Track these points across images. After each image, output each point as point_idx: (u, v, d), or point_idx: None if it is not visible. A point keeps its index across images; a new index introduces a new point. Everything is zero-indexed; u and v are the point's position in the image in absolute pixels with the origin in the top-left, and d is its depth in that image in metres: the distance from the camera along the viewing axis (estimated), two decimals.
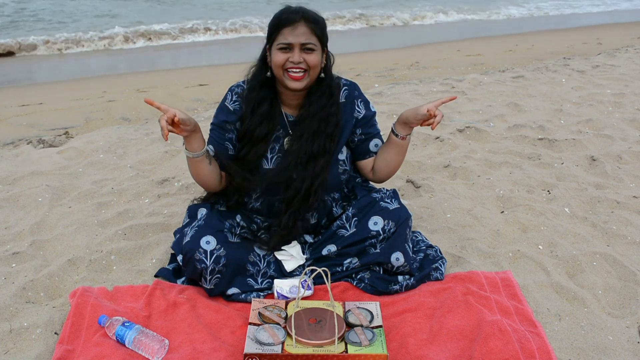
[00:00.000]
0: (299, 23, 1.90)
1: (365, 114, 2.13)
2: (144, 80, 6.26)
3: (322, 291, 2.05)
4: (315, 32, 1.93)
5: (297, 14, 1.92)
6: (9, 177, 3.09)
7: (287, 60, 1.91)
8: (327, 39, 2.01)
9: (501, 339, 1.70)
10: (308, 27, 1.91)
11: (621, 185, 2.93)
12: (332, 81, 2.07)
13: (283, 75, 1.94)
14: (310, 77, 1.96)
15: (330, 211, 2.15)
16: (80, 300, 1.91)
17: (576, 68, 5.74)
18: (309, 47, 1.91)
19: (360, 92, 2.16)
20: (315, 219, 2.12)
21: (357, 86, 2.16)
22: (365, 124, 2.13)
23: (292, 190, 2.00)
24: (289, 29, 1.90)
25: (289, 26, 1.90)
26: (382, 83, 5.71)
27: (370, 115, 2.15)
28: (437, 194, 2.83)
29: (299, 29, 1.90)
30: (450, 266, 2.22)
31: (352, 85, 2.14)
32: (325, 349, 1.67)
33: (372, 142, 2.15)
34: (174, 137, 3.70)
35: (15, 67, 7.61)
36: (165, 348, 1.73)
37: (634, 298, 2.01)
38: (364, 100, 2.15)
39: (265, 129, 2.02)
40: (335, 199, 2.16)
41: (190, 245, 1.93)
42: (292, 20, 1.90)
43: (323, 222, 2.16)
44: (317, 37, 1.93)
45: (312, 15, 1.95)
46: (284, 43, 1.91)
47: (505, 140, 3.62)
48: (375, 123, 2.18)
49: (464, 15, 12.60)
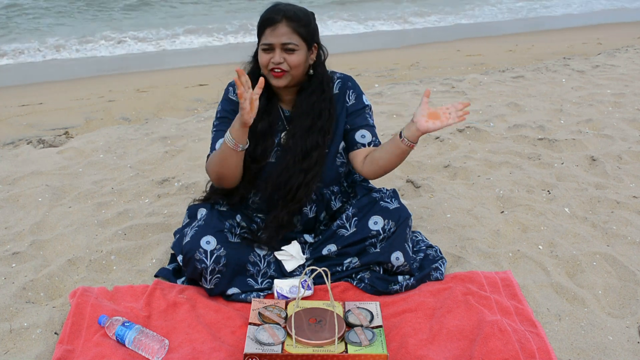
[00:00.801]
0: (280, 23, 1.90)
1: (354, 104, 2.11)
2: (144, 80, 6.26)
3: (322, 291, 2.05)
4: (297, 31, 1.92)
5: (279, 13, 1.91)
6: (9, 177, 3.09)
7: (269, 61, 1.92)
8: (313, 35, 1.99)
9: (501, 339, 1.70)
10: (289, 27, 1.91)
11: (621, 185, 2.93)
12: (324, 76, 2.07)
13: (268, 74, 1.96)
14: (292, 75, 1.96)
15: (328, 204, 2.14)
16: (80, 300, 1.91)
17: (576, 68, 5.74)
18: (290, 47, 1.91)
19: (354, 83, 2.15)
20: (313, 213, 2.12)
21: (351, 78, 2.15)
22: (352, 113, 2.11)
23: (288, 186, 2.02)
24: (270, 29, 1.91)
25: (270, 26, 1.91)
26: (382, 83, 5.70)
27: (360, 107, 2.12)
28: (437, 194, 2.83)
29: (279, 29, 1.90)
30: (450, 266, 2.22)
31: (345, 77, 2.14)
32: (325, 349, 1.67)
33: (358, 132, 2.09)
34: (174, 137, 3.71)
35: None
36: (165, 348, 1.73)
37: (634, 298, 2.01)
38: (357, 91, 2.14)
39: (267, 123, 2.03)
40: (334, 192, 2.16)
41: (190, 245, 1.93)
42: (274, 20, 1.91)
43: (322, 217, 2.16)
44: (299, 36, 1.93)
45: (294, 13, 1.93)
46: (265, 44, 1.92)
47: (505, 140, 3.62)
48: (365, 115, 2.12)
49: (427, 18, 11.96)
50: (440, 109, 1.87)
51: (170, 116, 4.59)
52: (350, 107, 2.12)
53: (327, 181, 2.11)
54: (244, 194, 2.11)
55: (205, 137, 3.72)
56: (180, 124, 4.11)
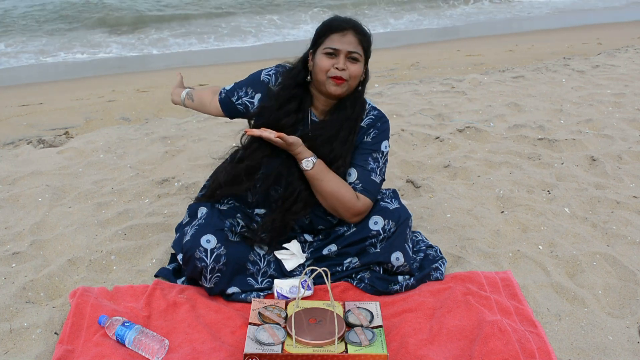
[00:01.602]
0: (349, 32, 1.92)
1: (369, 142, 2.06)
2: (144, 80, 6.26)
3: (322, 291, 2.05)
4: (362, 44, 1.94)
5: (348, 23, 1.94)
6: (9, 177, 3.09)
7: (332, 66, 1.92)
8: (370, 54, 2.01)
9: (501, 339, 1.70)
10: (356, 37, 1.93)
11: (621, 185, 2.93)
12: (362, 97, 2.07)
13: (326, 80, 1.93)
14: (349, 86, 1.96)
15: (325, 219, 2.13)
16: (80, 300, 1.91)
17: (576, 68, 5.74)
18: (354, 56, 1.92)
19: (384, 127, 2.09)
20: (308, 220, 2.13)
21: (385, 120, 2.10)
22: (360, 147, 2.06)
23: (290, 189, 2.02)
24: (338, 35, 1.92)
25: (339, 32, 1.92)
26: (382, 83, 5.71)
27: (371, 147, 2.05)
28: (437, 194, 2.83)
29: (347, 37, 1.92)
30: (450, 266, 2.22)
31: (379, 117, 2.10)
32: (325, 349, 1.67)
33: (350, 169, 2.04)
34: (174, 137, 3.71)
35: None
36: (165, 348, 1.73)
37: (634, 298, 2.01)
38: (380, 135, 2.07)
39: (292, 120, 2.02)
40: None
41: (190, 244, 1.93)
42: (342, 27, 1.92)
43: (319, 227, 2.15)
44: (363, 49, 1.95)
45: (361, 27, 1.96)
46: (331, 48, 1.92)
47: (505, 140, 3.63)
48: (371, 158, 2.05)
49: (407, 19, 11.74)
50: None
51: (170, 116, 4.59)
52: (364, 144, 2.07)
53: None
54: (250, 186, 2.10)
55: (205, 137, 3.72)
56: (180, 124, 4.11)
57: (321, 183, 1.97)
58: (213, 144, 3.60)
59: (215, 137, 3.75)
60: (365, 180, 2.03)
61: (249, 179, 2.06)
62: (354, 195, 2.00)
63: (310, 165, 1.96)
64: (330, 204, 2.01)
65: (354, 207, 2.00)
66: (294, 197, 2.02)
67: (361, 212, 2.02)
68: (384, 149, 2.08)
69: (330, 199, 1.99)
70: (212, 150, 3.47)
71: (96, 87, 6.00)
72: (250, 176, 2.06)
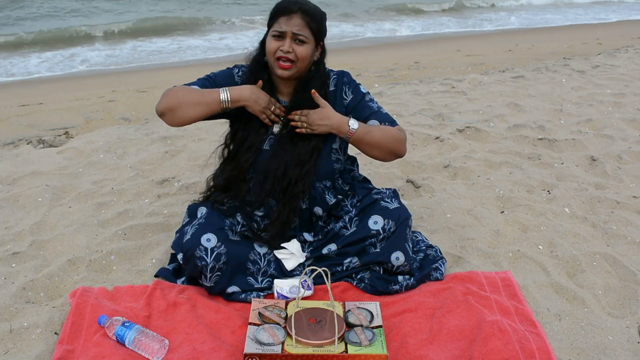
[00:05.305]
0: (296, 14, 1.93)
1: (353, 98, 2.12)
2: (144, 80, 6.26)
3: (322, 291, 2.05)
4: (309, 26, 1.95)
5: (296, 5, 1.95)
6: (9, 177, 3.09)
7: (278, 49, 1.94)
8: (323, 33, 2.03)
9: (501, 339, 1.70)
10: (303, 20, 1.94)
11: (621, 185, 2.93)
12: (324, 73, 2.09)
13: (274, 62, 1.97)
14: (298, 67, 1.98)
15: (322, 198, 2.13)
16: (80, 300, 1.91)
17: (576, 68, 5.74)
18: (300, 38, 1.94)
19: (349, 78, 2.15)
20: (306, 204, 2.12)
21: (346, 73, 2.16)
22: (355, 107, 2.11)
23: (285, 180, 2.03)
24: (284, 18, 1.94)
25: (286, 15, 1.94)
26: (382, 83, 5.71)
27: (359, 99, 2.11)
28: (437, 194, 2.83)
29: (294, 19, 1.93)
30: (450, 266, 2.22)
31: (340, 73, 2.15)
32: (325, 349, 1.67)
33: (369, 123, 2.10)
34: (174, 137, 3.71)
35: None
36: (165, 348, 1.73)
37: (634, 298, 2.01)
38: (352, 85, 2.14)
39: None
40: (327, 186, 2.15)
41: (190, 243, 1.93)
42: (290, 9, 1.94)
43: (318, 212, 2.15)
44: (310, 30, 1.95)
45: (310, 8, 1.97)
46: (277, 31, 1.94)
47: (505, 140, 3.63)
48: (369, 103, 2.12)
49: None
50: None
51: None
52: (350, 103, 2.11)
53: (320, 175, 2.11)
54: (241, 186, 2.11)
55: (205, 137, 3.72)
56: None
57: (371, 135, 2.01)
58: (213, 144, 3.59)
59: (216, 137, 3.74)
60: (385, 119, 2.10)
61: (242, 180, 2.09)
62: (394, 128, 2.07)
63: (356, 125, 1.99)
64: (387, 148, 2.04)
65: (401, 137, 2.06)
66: (293, 181, 2.03)
67: (405, 139, 2.10)
68: (364, 90, 2.15)
69: (385, 143, 2.03)
70: (212, 151, 3.46)
71: (96, 87, 6.00)
72: (242, 179, 2.09)
